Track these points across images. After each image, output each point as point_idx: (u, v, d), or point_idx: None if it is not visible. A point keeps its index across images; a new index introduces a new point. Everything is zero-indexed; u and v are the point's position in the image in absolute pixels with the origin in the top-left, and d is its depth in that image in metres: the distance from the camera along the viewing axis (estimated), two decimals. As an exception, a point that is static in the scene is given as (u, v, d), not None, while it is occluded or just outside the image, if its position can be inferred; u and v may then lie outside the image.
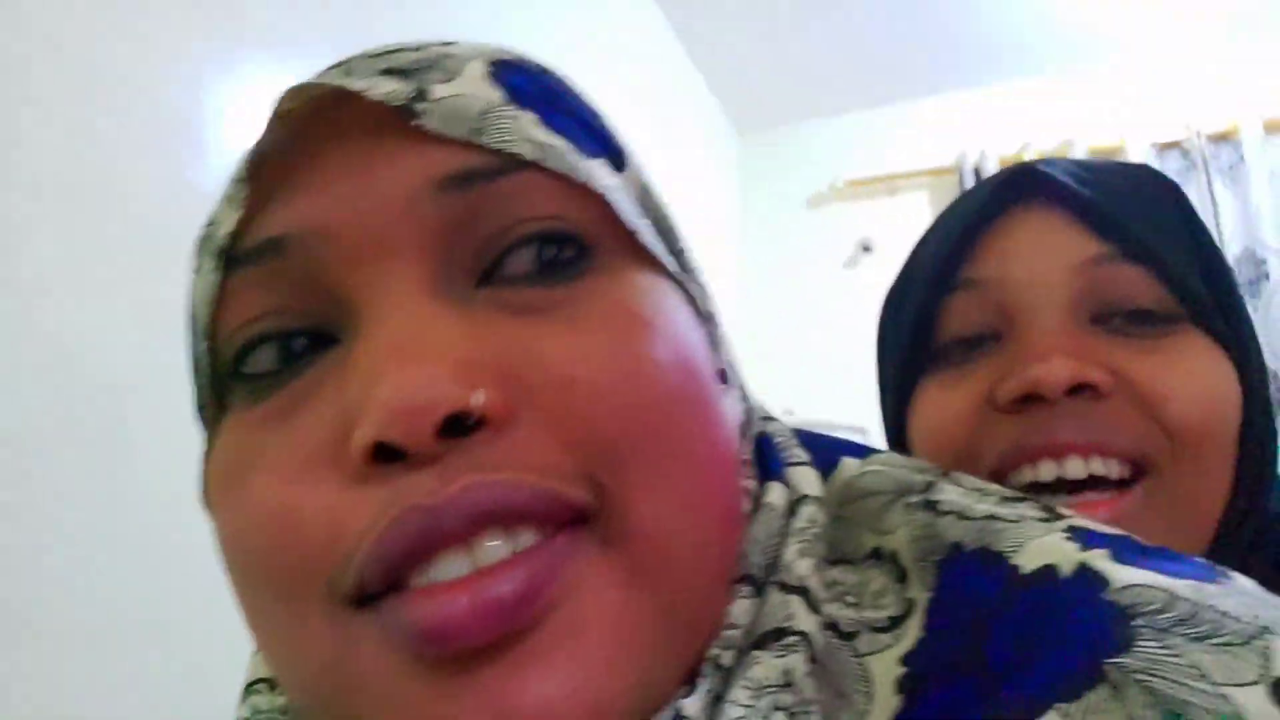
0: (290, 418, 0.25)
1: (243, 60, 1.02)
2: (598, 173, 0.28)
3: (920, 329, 0.50)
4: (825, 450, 0.34)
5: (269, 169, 0.27)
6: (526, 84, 0.29)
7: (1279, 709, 0.21)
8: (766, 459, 0.32)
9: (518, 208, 0.26)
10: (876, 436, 0.53)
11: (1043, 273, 0.47)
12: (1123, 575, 0.25)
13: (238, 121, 0.99)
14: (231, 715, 0.34)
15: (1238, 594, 0.24)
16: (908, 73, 2.52)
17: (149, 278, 0.86)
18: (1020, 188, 0.49)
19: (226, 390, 0.28)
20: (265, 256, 0.26)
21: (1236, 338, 0.47)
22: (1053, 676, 0.23)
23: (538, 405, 0.24)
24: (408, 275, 0.25)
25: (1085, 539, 0.27)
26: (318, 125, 0.27)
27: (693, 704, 0.24)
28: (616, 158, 0.30)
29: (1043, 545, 0.27)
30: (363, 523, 0.23)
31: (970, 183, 2.38)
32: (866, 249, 2.54)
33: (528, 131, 0.27)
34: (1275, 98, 2.26)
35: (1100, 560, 0.25)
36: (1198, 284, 0.47)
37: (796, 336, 2.52)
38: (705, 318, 0.31)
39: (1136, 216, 0.48)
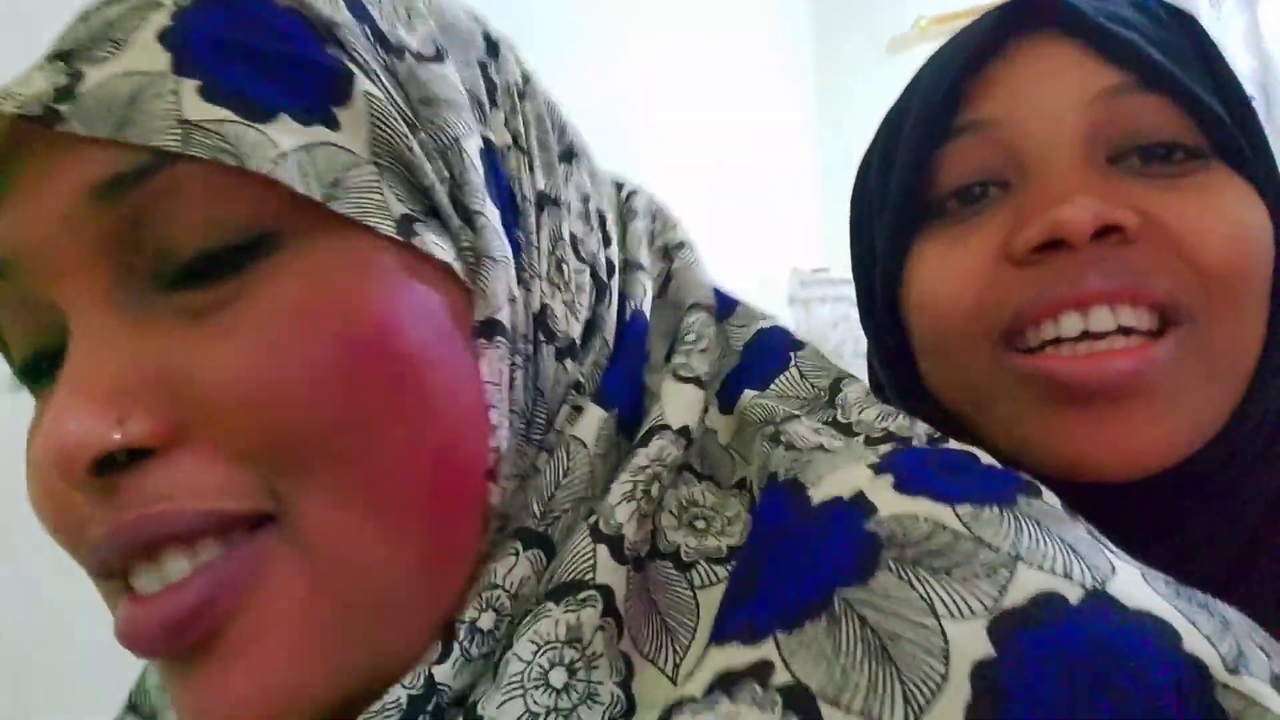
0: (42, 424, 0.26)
1: None
2: (276, 138, 0.25)
3: (914, 184, 0.47)
4: (741, 374, 0.33)
5: None
6: (205, 30, 0.26)
7: (992, 644, 0.20)
8: (624, 374, 0.32)
9: (176, 208, 0.25)
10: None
11: (1054, 109, 0.43)
12: (893, 505, 0.24)
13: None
14: None
15: (1017, 519, 0.23)
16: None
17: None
18: (1023, 18, 0.44)
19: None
20: None
21: (1267, 176, 0.43)
22: (784, 604, 0.23)
23: (203, 422, 0.24)
24: (86, 291, 0.25)
25: (886, 465, 0.26)
26: (16, 132, 0.26)
27: (445, 670, 0.26)
28: (323, 99, 0.27)
29: (839, 476, 0.26)
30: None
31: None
32: (954, 92, 2.38)
33: (181, 111, 0.25)
34: None
35: (878, 489, 0.25)
36: (1223, 116, 0.42)
37: (881, 191, 2.41)
38: (469, 259, 0.29)
39: (1154, 44, 0.43)
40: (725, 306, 0.37)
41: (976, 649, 0.21)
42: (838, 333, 2.27)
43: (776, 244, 2.24)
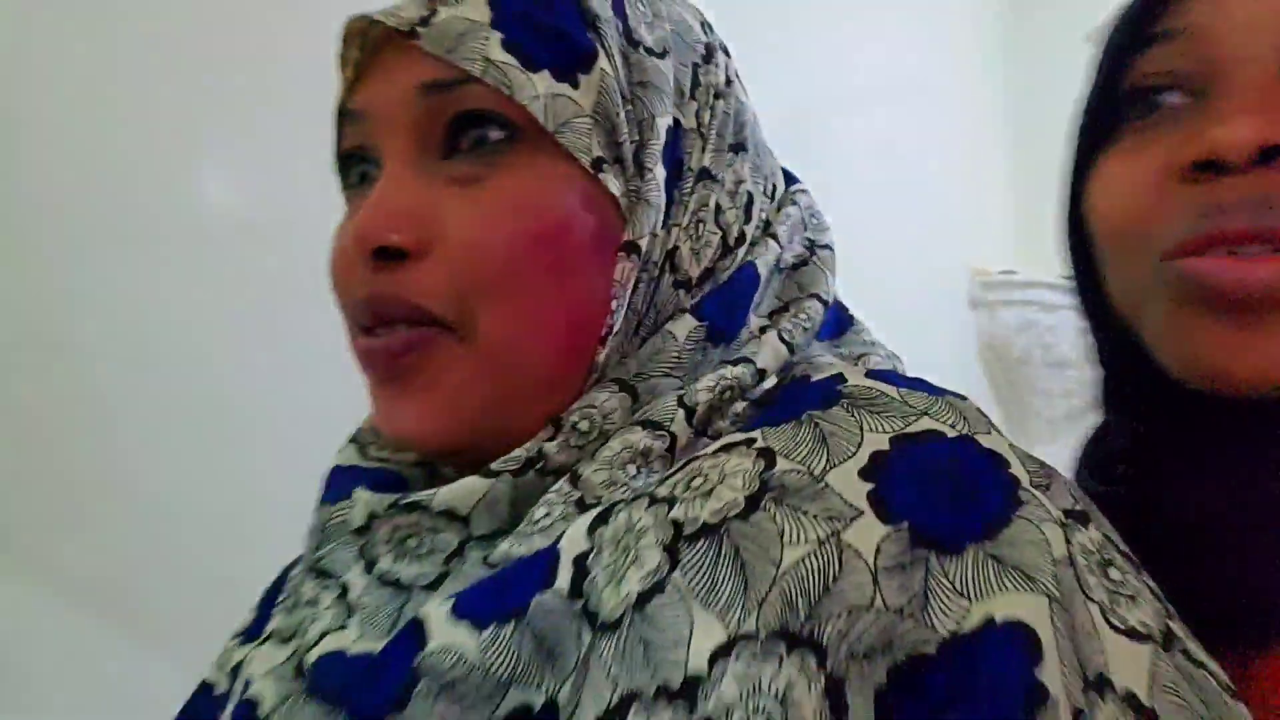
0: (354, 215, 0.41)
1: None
2: (537, 84, 0.39)
3: (1108, 95, 0.44)
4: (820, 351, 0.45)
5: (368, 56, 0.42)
6: (515, 2, 0.40)
7: (889, 446, 0.33)
8: (721, 299, 0.43)
9: (467, 108, 0.39)
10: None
11: (1255, 18, 0.39)
12: (859, 380, 0.38)
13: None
14: None
15: (938, 401, 0.36)
16: None
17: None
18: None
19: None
20: (348, 120, 0.43)
21: None
22: (771, 419, 0.37)
23: (439, 250, 0.39)
24: (401, 146, 0.40)
25: (868, 369, 0.40)
26: (386, 38, 0.41)
27: (551, 446, 0.39)
28: (574, 66, 0.40)
29: (834, 368, 0.40)
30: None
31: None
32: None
33: (486, 51, 0.39)
34: None
35: (853, 371, 0.39)
36: None
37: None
38: (633, 199, 0.41)
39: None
40: (838, 324, 0.48)
41: (879, 445, 0.34)
42: (1023, 339, 2.15)
43: (960, 244, 2.16)
